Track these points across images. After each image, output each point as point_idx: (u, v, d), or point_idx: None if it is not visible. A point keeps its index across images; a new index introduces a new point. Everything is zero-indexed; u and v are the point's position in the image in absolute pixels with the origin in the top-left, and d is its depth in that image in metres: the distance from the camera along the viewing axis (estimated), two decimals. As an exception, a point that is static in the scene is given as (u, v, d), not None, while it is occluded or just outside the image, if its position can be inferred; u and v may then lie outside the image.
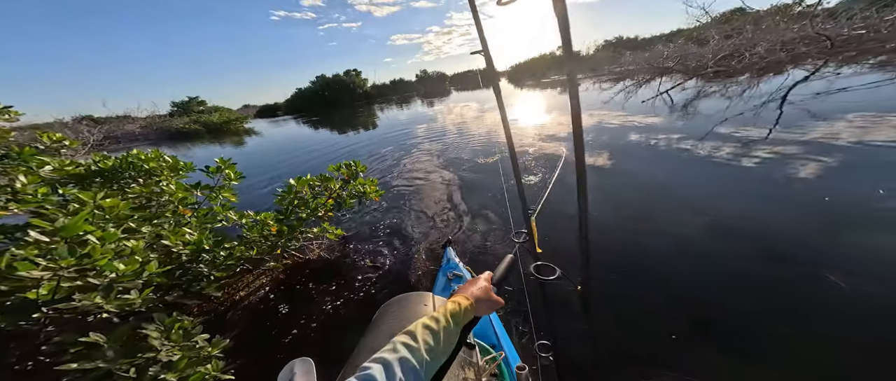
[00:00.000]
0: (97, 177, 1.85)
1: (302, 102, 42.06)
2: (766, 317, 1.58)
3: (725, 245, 2.15)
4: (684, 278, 1.91)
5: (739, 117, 5.16)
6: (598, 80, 16.65)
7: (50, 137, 1.47)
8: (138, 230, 1.48)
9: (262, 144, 13.44)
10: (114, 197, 1.37)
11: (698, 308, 1.69)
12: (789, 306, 1.61)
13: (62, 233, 0.87)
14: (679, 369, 1.39)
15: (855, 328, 1.45)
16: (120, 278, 0.96)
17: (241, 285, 2.50)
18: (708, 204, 2.74)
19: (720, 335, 1.53)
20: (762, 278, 1.82)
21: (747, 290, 1.77)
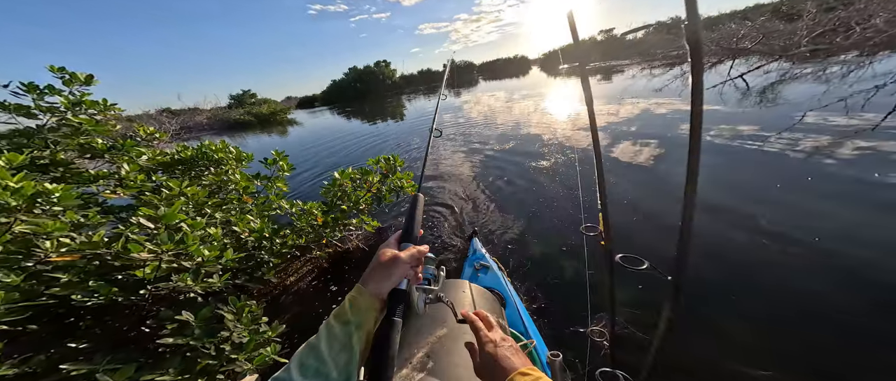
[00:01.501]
0: (179, 165, 2.12)
1: (336, 94, 44.34)
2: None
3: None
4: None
5: (839, 104, 4.17)
6: (648, 65, 14.78)
7: (145, 130, 1.70)
8: (213, 216, 1.67)
9: (303, 133, 14.49)
10: (193, 184, 1.55)
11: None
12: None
13: (164, 220, 1.00)
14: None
15: None
16: (206, 262, 1.08)
17: (290, 270, 2.73)
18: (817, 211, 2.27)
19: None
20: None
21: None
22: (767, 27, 10.85)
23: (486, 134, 7.07)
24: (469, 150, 6.00)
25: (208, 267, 1.10)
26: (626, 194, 3.09)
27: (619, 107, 7.13)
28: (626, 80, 12.33)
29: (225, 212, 1.74)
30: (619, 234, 2.31)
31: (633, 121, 5.70)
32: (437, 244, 2.81)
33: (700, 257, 2.00)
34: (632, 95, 8.20)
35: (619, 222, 2.58)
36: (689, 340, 1.47)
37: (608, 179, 3.55)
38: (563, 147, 4.96)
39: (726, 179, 2.97)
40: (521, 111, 9.35)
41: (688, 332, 1.51)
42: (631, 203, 2.89)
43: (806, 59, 8.01)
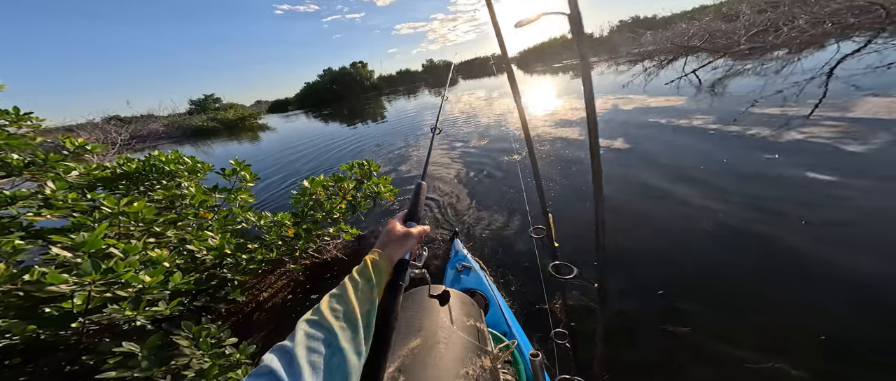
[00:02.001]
0: (123, 180, 1.90)
1: (311, 96, 42.59)
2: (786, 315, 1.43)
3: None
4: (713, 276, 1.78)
5: (778, 96, 4.71)
6: (614, 62, 15.73)
7: (72, 142, 1.50)
8: (164, 234, 1.51)
9: (277, 139, 13.74)
10: (140, 201, 1.39)
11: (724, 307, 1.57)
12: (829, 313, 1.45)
13: (84, 248, 0.87)
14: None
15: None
16: (148, 289, 0.97)
17: (263, 286, 2.57)
18: (740, 194, 2.51)
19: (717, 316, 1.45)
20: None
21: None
22: (712, 27, 12.03)
23: (467, 131, 7.13)
24: (450, 147, 6.01)
25: (152, 294, 0.98)
26: (584, 190, 3.20)
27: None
28: (596, 75, 13.02)
29: (180, 230, 1.58)
30: (576, 232, 2.34)
31: (602, 116, 6.01)
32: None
33: (656, 244, 2.12)
34: (602, 92, 8.66)
35: (580, 219, 2.64)
36: (647, 337, 1.52)
37: (571, 174, 3.71)
38: (537, 142, 5.12)
39: (692, 167, 3.20)
40: (502, 109, 9.49)
41: (645, 328, 1.57)
42: (588, 199, 3.02)
43: (746, 56, 8.92)
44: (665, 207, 2.63)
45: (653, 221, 2.47)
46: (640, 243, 2.18)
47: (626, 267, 1.96)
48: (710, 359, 1.38)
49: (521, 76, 23.02)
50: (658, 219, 2.48)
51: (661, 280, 1.81)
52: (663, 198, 2.78)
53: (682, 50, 11.48)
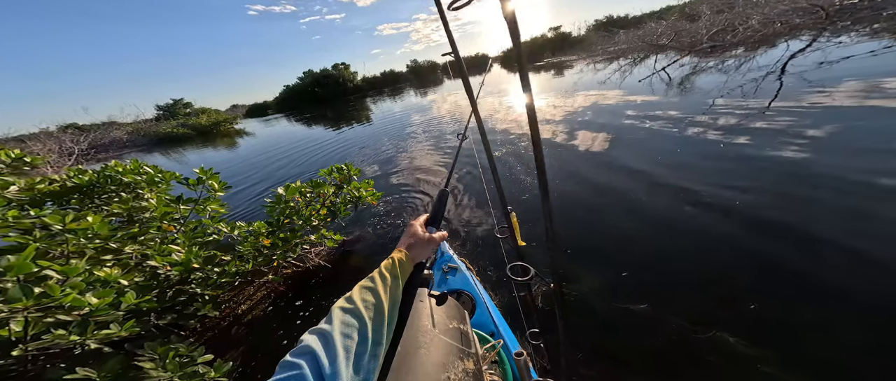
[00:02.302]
0: (75, 193, 1.74)
1: (292, 100, 41.15)
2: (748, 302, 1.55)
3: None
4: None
5: (738, 91, 5.07)
6: (592, 60, 16.33)
7: (8, 153, 1.35)
8: (123, 251, 1.39)
9: (256, 144, 13.16)
10: (96, 216, 1.27)
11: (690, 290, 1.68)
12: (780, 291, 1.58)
13: (12, 273, 0.78)
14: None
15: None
16: (95, 311, 0.89)
17: (241, 298, 2.45)
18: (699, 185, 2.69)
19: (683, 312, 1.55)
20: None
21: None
22: (678, 26, 12.79)
23: (452, 130, 7.15)
24: (435, 147, 6.00)
25: (100, 316, 0.90)
26: (558, 187, 3.29)
27: (571, 100, 7.72)
28: (575, 73, 13.45)
29: (141, 245, 1.46)
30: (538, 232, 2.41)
31: (582, 113, 6.21)
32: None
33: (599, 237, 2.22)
34: (584, 88, 8.98)
35: (557, 215, 2.75)
36: (614, 327, 1.58)
37: (552, 170, 3.79)
38: (517, 140, 5.21)
39: (668, 160, 3.36)
40: (486, 108, 9.57)
41: (612, 318, 1.65)
42: (562, 197, 3.07)
43: (708, 54, 9.53)
44: (632, 197, 2.76)
45: (616, 211, 2.60)
46: (603, 228, 2.34)
47: (597, 255, 2.05)
48: (669, 337, 1.48)
49: (505, 75, 23.36)
50: (621, 209, 2.62)
51: (625, 263, 1.93)
52: (638, 188, 2.92)
53: (653, 48, 12.10)
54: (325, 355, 0.34)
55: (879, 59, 5.05)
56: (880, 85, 3.91)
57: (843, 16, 8.65)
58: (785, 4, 9.94)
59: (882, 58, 5.07)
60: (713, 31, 10.49)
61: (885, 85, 3.90)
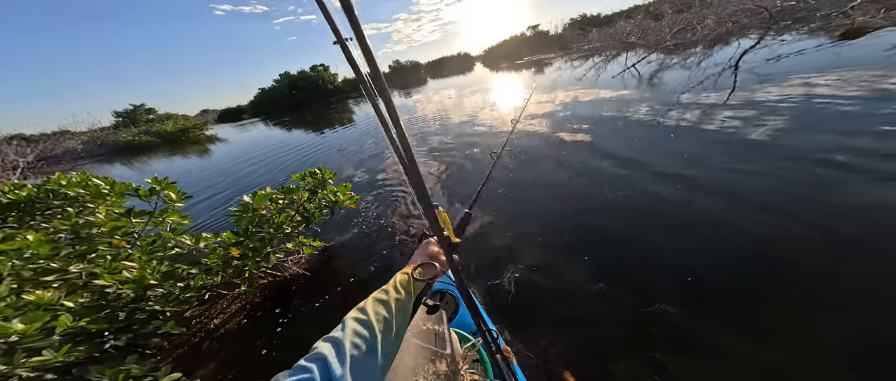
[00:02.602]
0: (13, 210, 1.57)
1: (268, 103, 39.32)
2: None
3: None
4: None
5: (700, 86, 5.46)
6: (569, 58, 16.90)
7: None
8: (67, 270, 1.28)
9: (231, 151, 12.47)
10: (36, 234, 1.15)
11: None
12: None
13: None
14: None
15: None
16: (24, 337, 0.81)
17: (214, 312, 2.33)
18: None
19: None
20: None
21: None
22: (644, 25, 13.55)
23: (436, 127, 7.14)
24: (421, 142, 5.97)
25: (30, 342, 0.82)
26: (508, 181, 3.41)
27: (552, 95, 7.95)
28: (555, 71, 13.87)
29: (90, 263, 1.35)
30: (505, 225, 2.55)
31: (563, 108, 6.42)
32: (391, 248, 2.71)
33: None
34: (563, 85, 9.28)
35: (512, 212, 2.82)
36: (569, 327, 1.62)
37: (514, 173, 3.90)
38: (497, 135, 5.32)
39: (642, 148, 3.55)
40: (472, 107, 9.59)
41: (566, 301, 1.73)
42: (510, 191, 3.20)
43: (672, 51, 10.19)
44: (602, 188, 2.90)
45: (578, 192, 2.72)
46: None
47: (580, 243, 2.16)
48: (611, 311, 1.61)
49: (487, 74, 23.63)
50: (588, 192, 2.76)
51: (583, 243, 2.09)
52: (618, 174, 3.08)
53: (623, 46, 12.73)
54: (336, 361, 0.36)
55: (818, 54, 5.60)
56: (816, 79, 4.35)
57: (784, 16, 9.53)
58: (734, 5, 10.79)
59: (820, 54, 5.63)
60: (675, 30, 11.22)
61: (821, 79, 4.34)
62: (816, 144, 2.72)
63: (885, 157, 2.32)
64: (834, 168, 2.35)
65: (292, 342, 1.95)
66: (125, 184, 1.60)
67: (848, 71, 4.27)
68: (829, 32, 7.15)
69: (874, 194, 1.98)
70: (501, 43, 46.73)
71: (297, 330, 2.03)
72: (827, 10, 8.50)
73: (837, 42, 6.15)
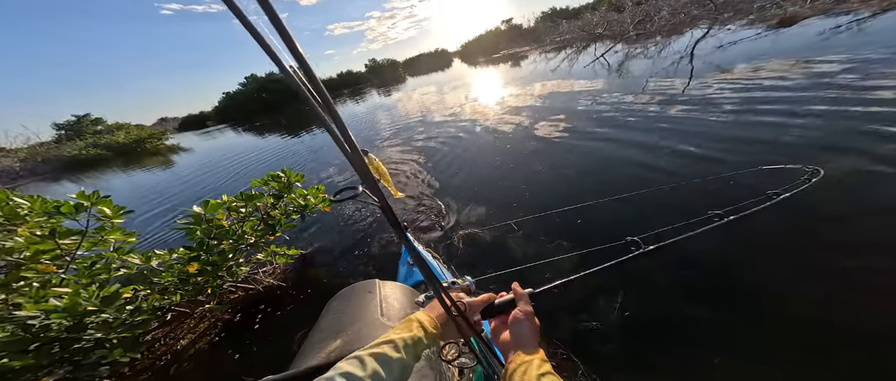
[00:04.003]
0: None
1: (236, 108, 36.87)
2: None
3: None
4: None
5: (662, 72, 5.81)
6: (543, 50, 17.29)
7: None
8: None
9: (196, 161, 11.56)
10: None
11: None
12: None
13: None
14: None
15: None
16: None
17: (180, 332, 2.16)
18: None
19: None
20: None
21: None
22: (609, 17, 14.16)
23: (416, 121, 7.04)
24: (405, 142, 5.85)
25: None
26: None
27: (530, 88, 8.09)
28: (530, 63, 14.16)
29: (13, 292, 1.18)
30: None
31: (542, 100, 6.54)
32: (373, 250, 2.66)
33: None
34: (540, 77, 9.48)
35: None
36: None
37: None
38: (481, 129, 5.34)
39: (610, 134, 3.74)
40: (453, 102, 9.51)
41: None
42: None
43: (634, 42, 10.77)
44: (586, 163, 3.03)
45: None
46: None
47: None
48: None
49: (466, 70, 23.60)
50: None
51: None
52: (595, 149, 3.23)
53: (591, 37, 13.24)
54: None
55: (757, 43, 6.17)
56: (761, 65, 4.77)
57: (727, 7, 10.39)
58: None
59: (758, 42, 6.19)
60: (636, 21, 11.84)
61: (763, 64, 4.76)
62: (762, 127, 2.99)
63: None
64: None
65: (269, 358, 1.85)
66: (48, 201, 1.40)
67: (783, 59, 4.73)
68: (766, 22, 7.90)
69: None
70: (477, 38, 46.86)
71: (273, 345, 1.93)
72: (762, 1, 9.36)
73: (774, 30, 6.80)
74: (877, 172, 2.00)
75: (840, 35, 5.27)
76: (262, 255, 2.39)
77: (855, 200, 1.82)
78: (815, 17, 7.09)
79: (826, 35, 5.46)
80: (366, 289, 0.94)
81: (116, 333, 1.38)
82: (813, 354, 1.19)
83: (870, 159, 2.12)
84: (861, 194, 1.86)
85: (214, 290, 1.79)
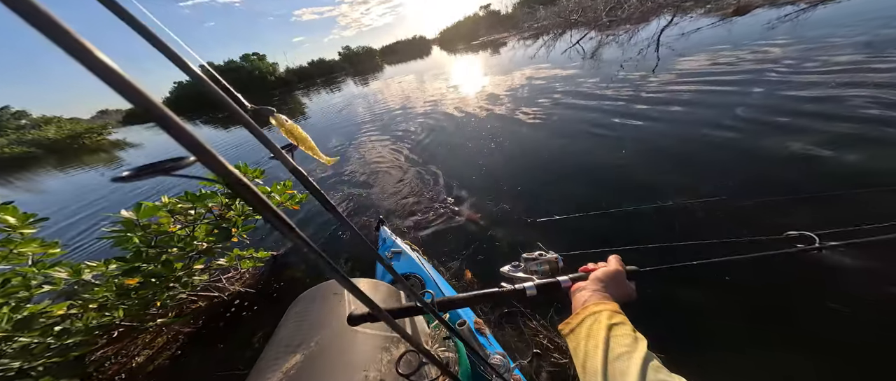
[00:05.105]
0: None
1: (192, 99, 33.24)
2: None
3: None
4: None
5: (632, 60, 6.02)
6: (521, 37, 17.22)
7: None
8: None
9: (149, 158, 10.22)
10: None
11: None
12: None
13: None
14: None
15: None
16: None
17: (134, 349, 1.96)
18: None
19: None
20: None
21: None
22: (583, 3, 14.32)
23: (404, 113, 6.71)
24: (387, 132, 5.64)
25: None
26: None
27: (509, 77, 7.98)
28: (509, 50, 14.05)
29: None
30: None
31: (521, 88, 6.51)
32: (354, 243, 2.57)
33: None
34: (519, 65, 9.44)
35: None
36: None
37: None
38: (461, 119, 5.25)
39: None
40: (432, 93, 9.19)
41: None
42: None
43: (607, 28, 11.07)
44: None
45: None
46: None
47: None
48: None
49: (446, 58, 22.91)
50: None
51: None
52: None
53: (567, 23, 13.38)
54: None
55: (714, 30, 6.60)
56: (717, 52, 5.08)
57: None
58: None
59: (715, 30, 6.61)
60: (608, 8, 12.10)
61: (720, 51, 5.07)
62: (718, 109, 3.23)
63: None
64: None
65: (236, 371, 1.74)
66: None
67: (736, 48, 5.07)
68: (722, 11, 8.42)
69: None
70: (456, 24, 45.62)
71: (240, 357, 1.81)
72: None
73: (729, 19, 7.28)
74: None
75: (785, 23, 5.75)
76: (223, 260, 2.21)
77: None
78: (765, 7, 7.65)
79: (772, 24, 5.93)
80: (331, 290, 0.83)
81: (45, 358, 1.20)
82: None
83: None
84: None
85: (165, 303, 1.61)
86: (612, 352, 0.34)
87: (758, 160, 2.29)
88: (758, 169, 2.19)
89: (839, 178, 1.93)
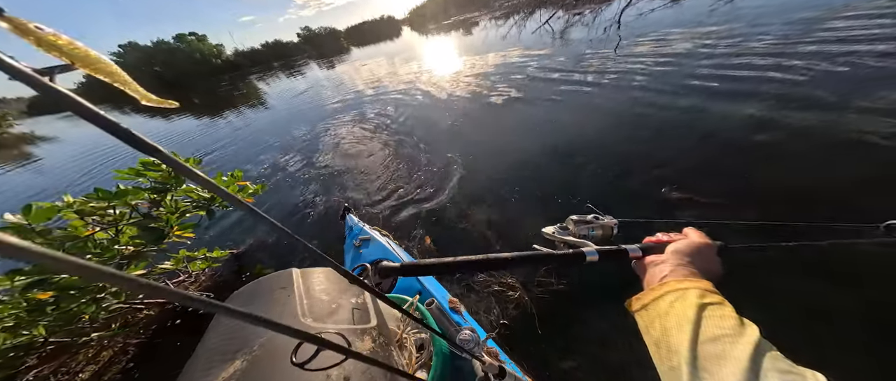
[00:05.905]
0: None
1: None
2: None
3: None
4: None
5: (597, 40, 6.20)
6: (492, 16, 16.88)
7: None
8: None
9: (71, 154, 8.66)
10: None
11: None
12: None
13: None
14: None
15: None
16: None
17: (76, 364, 1.77)
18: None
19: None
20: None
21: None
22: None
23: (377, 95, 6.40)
24: (363, 119, 5.33)
25: None
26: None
27: (484, 59, 7.81)
28: (481, 30, 13.75)
29: None
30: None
31: (497, 69, 6.40)
32: (321, 234, 2.47)
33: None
34: (492, 46, 9.20)
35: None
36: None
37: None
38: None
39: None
40: (407, 75, 8.67)
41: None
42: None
43: (573, 7, 11.24)
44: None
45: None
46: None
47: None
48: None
49: (417, 39, 21.67)
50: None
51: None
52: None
53: (537, 2, 13.36)
54: None
55: (665, 12, 7.07)
56: (669, 32, 5.40)
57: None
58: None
59: (665, 11, 7.07)
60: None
61: (672, 31, 5.38)
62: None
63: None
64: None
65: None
66: None
67: (687, 28, 5.42)
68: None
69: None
70: (426, 3, 43.12)
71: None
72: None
73: (675, 3, 7.71)
74: None
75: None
76: (169, 263, 1.99)
77: None
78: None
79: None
80: (277, 283, 0.71)
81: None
82: None
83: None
84: None
85: (96, 315, 1.42)
86: (704, 333, 0.29)
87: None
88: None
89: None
